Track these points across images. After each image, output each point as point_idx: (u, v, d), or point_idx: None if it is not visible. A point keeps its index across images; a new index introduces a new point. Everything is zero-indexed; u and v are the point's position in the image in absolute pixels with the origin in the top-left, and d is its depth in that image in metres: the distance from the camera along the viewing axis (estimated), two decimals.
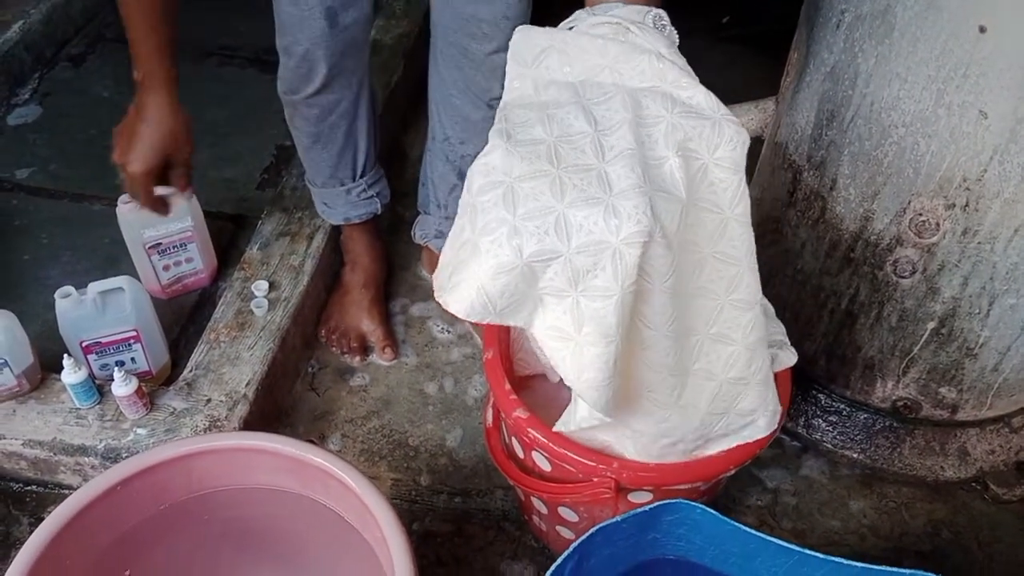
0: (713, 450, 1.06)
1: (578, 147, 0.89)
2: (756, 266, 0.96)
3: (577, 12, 1.01)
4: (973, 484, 1.40)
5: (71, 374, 1.25)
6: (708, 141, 0.89)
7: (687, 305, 0.94)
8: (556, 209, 0.85)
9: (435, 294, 0.91)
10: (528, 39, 0.97)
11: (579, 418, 0.97)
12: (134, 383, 1.26)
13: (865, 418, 1.39)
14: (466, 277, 0.87)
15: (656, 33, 0.96)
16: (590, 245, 0.84)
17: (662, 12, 0.99)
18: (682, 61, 0.95)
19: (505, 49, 1.02)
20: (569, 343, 0.89)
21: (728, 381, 1.00)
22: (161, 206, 1.33)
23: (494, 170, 0.88)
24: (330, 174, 1.49)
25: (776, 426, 1.06)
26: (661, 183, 0.88)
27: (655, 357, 0.94)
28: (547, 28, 0.97)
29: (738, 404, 1.02)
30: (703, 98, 0.92)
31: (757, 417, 1.04)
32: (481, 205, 0.87)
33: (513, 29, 1.29)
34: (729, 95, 1.40)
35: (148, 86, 1.22)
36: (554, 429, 1.03)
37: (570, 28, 0.99)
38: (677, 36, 1.00)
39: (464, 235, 0.89)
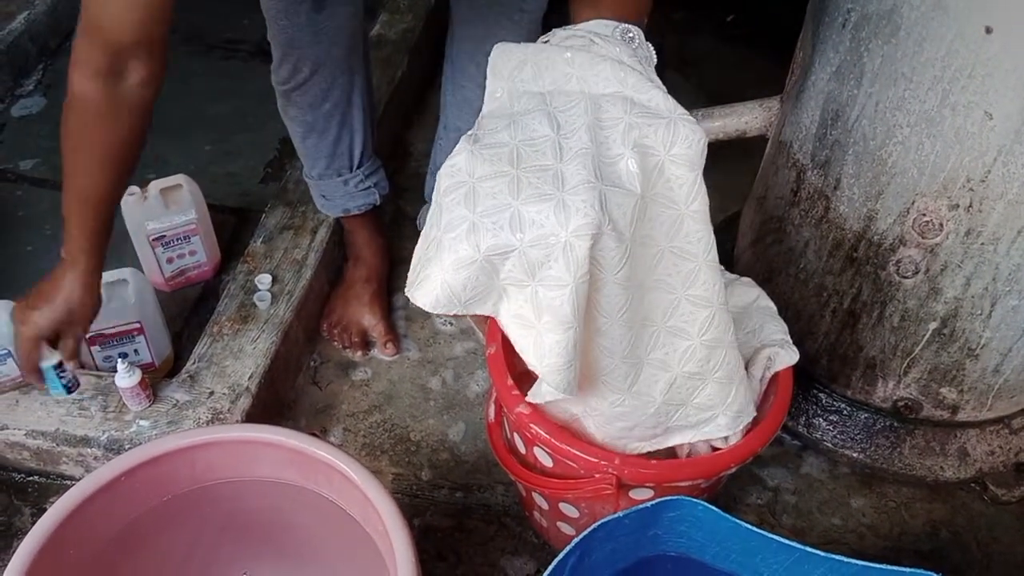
0: (673, 440, 1.10)
1: (539, 149, 0.94)
2: (716, 264, 0.99)
3: (554, 29, 1.05)
4: (972, 485, 1.40)
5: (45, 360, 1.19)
6: (663, 139, 0.93)
7: (644, 297, 0.98)
8: (512, 206, 0.90)
9: (405, 290, 0.96)
10: (505, 54, 1.02)
11: (544, 391, 1.01)
12: (137, 375, 1.26)
13: (866, 418, 1.39)
14: (431, 273, 0.92)
15: (622, 44, 1.00)
16: (541, 238, 0.88)
17: (631, 27, 1.03)
18: (643, 67, 0.99)
19: (522, 41, 1.06)
20: (531, 330, 0.94)
21: (684, 374, 1.03)
22: (39, 377, 1.21)
23: (459, 171, 0.94)
24: (327, 165, 1.49)
25: (740, 427, 1.08)
26: (615, 179, 0.92)
27: (608, 343, 0.98)
28: (523, 44, 1.03)
29: (695, 398, 1.05)
30: (661, 100, 0.95)
31: (717, 414, 1.07)
32: (446, 204, 0.93)
33: (531, 23, 1.31)
34: (734, 94, 1.42)
35: (75, 269, 1.15)
36: (527, 398, 1.05)
37: (545, 43, 1.04)
38: (654, 53, 1.05)
39: (432, 233, 0.95)
